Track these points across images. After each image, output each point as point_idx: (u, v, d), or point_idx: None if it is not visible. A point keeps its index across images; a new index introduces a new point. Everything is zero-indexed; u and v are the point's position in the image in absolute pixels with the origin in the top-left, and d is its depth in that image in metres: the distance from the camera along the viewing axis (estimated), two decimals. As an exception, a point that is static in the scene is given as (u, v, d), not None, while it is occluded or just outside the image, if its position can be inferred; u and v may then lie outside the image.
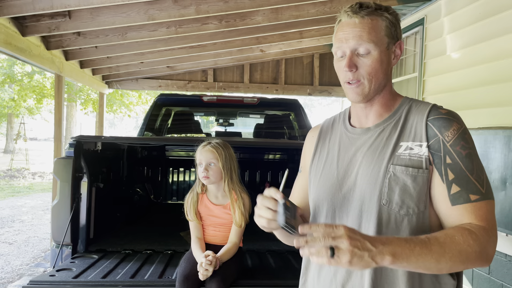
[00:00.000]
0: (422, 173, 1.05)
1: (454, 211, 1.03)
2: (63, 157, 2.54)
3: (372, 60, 1.09)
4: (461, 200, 1.02)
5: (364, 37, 1.08)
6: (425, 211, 1.06)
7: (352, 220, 1.11)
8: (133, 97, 15.73)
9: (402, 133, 1.11)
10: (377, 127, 1.15)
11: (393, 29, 1.13)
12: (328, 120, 1.33)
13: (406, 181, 1.05)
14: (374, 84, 1.11)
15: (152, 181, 4.28)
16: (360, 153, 1.15)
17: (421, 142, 1.08)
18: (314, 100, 35.92)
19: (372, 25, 1.09)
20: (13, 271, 4.74)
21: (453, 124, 1.07)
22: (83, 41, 4.83)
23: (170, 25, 4.72)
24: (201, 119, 7.68)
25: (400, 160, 1.07)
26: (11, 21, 3.90)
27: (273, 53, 7.14)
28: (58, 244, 2.48)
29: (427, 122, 1.09)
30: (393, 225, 1.05)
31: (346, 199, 1.13)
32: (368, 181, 1.09)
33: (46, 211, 8.23)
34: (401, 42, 1.15)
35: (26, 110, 16.82)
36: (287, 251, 2.73)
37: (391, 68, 1.16)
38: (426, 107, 1.12)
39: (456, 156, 1.04)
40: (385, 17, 1.11)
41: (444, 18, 4.17)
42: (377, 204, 1.06)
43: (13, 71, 14.47)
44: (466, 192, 1.02)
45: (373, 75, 1.10)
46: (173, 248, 2.68)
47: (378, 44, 1.09)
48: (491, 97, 3.37)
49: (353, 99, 1.15)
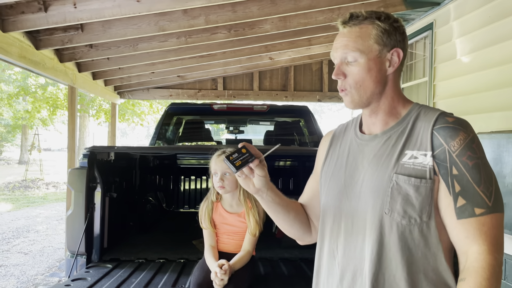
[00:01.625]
0: (425, 183, 1.04)
1: (459, 225, 1.01)
2: (77, 168, 2.58)
3: (359, 67, 1.11)
4: (466, 214, 1.00)
5: (349, 46, 1.11)
6: (429, 221, 1.04)
7: (357, 227, 1.11)
8: (145, 107, 15.88)
9: (408, 141, 1.10)
10: (384, 134, 1.15)
11: (386, 37, 1.12)
12: (342, 125, 1.34)
13: (409, 191, 1.04)
14: (363, 92, 1.12)
15: (164, 189, 4.31)
16: (367, 160, 1.15)
17: (426, 151, 1.06)
18: (324, 106, 35.83)
19: (359, 34, 1.11)
20: (29, 280, 4.80)
21: (460, 134, 1.04)
22: (95, 53, 4.91)
23: (180, 36, 4.78)
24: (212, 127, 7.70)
25: (404, 169, 1.06)
26: (25, 35, 3.99)
27: (282, 60, 7.17)
28: (73, 253, 2.51)
29: (432, 131, 1.07)
30: (395, 234, 1.05)
31: (352, 206, 1.14)
32: (372, 189, 1.09)
33: (60, 221, 8.33)
34: (398, 49, 1.13)
35: (40, 121, 17.08)
36: (300, 259, 2.72)
37: (390, 76, 1.14)
38: (433, 115, 1.10)
39: (463, 167, 1.02)
40: (376, 24, 1.11)
41: (453, 22, 4.15)
42: (380, 212, 1.07)
43: (27, 83, 14.75)
44: (471, 205, 1.00)
45: (361, 84, 1.12)
46: (185, 257, 2.69)
47: (365, 52, 1.10)
48: (503, 100, 3.34)
49: (347, 107, 1.18)
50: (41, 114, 15.67)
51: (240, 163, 1.11)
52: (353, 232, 1.13)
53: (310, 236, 1.33)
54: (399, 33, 1.14)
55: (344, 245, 1.14)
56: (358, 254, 1.10)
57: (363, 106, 1.15)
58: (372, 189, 1.10)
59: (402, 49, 1.14)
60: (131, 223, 3.33)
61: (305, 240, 1.35)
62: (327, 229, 1.21)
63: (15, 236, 7.01)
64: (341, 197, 1.17)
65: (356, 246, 1.11)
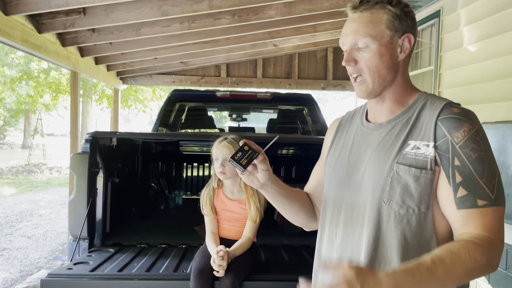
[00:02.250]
0: (426, 174, 1.02)
1: (459, 215, 1.00)
2: (80, 153, 2.58)
3: (371, 53, 1.08)
4: (467, 205, 0.98)
5: (360, 31, 1.08)
6: (427, 212, 1.03)
7: (357, 216, 1.12)
8: (147, 93, 15.84)
9: (412, 131, 1.08)
10: (389, 123, 1.13)
11: (397, 22, 1.09)
12: (349, 112, 1.33)
13: (408, 181, 1.03)
14: (377, 79, 1.10)
15: (166, 176, 4.31)
16: (370, 148, 1.14)
17: (428, 142, 1.04)
18: (328, 94, 35.66)
19: (370, 19, 1.08)
20: (32, 264, 4.85)
21: (464, 125, 1.02)
22: (98, 38, 4.87)
23: (183, 21, 4.74)
24: (215, 115, 7.69)
25: (406, 159, 1.05)
26: (28, 19, 3.96)
27: (286, 47, 7.10)
28: (75, 238, 2.52)
29: (436, 122, 1.05)
30: (392, 223, 1.04)
31: (353, 195, 1.14)
32: (373, 178, 1.09)
33: (63, 205, 8.39)
34: (409, 35, 1.10)
35: (43, 106, 17.09)
36: (301, 246, 2.73)
37: (400, 62, 1.12)
38: (439, 105, 1.07)
39: (465, 159, 1.00)
40: (388, 9, 1.09)
41: (461, 10, 4.08)
42: (379, 201, 1.06)
43: (29, 67, 14.71)
44: (473, 196, 0.98)
45: (374, 70, 1.09)
46: (187, 242, 2.70)
47: (377, 37, 1.08)
48: (509, 90, 3.30)
49: (359, 96, 1.15)
50: (43, 99, 15.67)
51: (246, 162, 1.12)
52: (352, 220, 1.13)
53: (316, 223, 1.33)
54: (410, 19, 1.12)
55: (342, 233, 1.15)
56: (356, 242, 1.11)
57: (376, 94, 1.13)
58: (372, 178, 1.09)
59: (413, 34, 1.12)
60: (133, 208, 3.34)
61: (311, 227, 1.36)
62: (327, 216, 1.22)
63: (18, 220, 7.07)
64: (342, 185, 1.17)
65: (355, 234, 1.11)
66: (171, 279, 2.10)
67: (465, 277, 0.95)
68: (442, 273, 0.91)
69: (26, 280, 4.28)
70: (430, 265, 0.91)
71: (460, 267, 0.92)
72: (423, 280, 0.90)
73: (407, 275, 0.90)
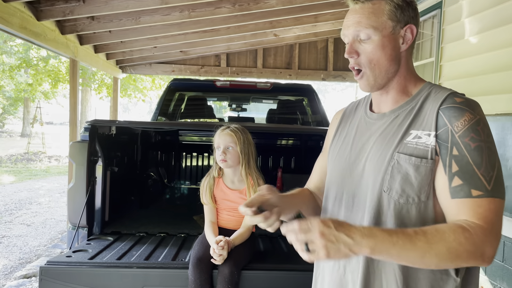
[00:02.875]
0: (426, 163, 1.02)
1: (452, 204, 0.99)
2: (79, 141, 2.58)
3: (373, 45, 1.07)
4: (461, 194, 0.97)
5: (362, 23, 1.07)
6: (427, 202, 1.02)
7: (358, 204, 1.12)
8: (147, 82, 15.78)
9: (415, 121, 1.07)
10: (392, 113, 1.13)
11: (399, 12, 1.08)
12: (354, 103, 1.33)
13: (408, 170, 1.03)
14: (379, 72, 1.09)
15: (165, 165, 4.32)
16: (373, 138, 1.14)
17: (430, 131, 1.04)
18: (328, 85, 35.56)
19: (372, 10, 1.07)
20: (31, 251, 4.87)
21: (465, 114, 1.01)
22: (97, 26, 4.84)
23: (183, 9, 4.70)
24: (214, 104, 7.67)
25: (407, 148, 1.05)
26: (26, 6, 3.92)
27: (287, 37, 7.06)
28: (74, 226, 2.53)
29: (438, 111, 1.04)
30: (392, 212, 1.04)
31: (354, 184, 1.14)
32: (374, 167, 1.09)
33: (62, 193, 8.41)
34: (412, 25, 1.09)
35: (42, 94, 17.03)
36: (299, 236, 2.74)
37: (403, 53, 1.12)
38: (443, 95, 1.07)
39: (464, 148, 0.99)
40: (389, 0, 1.08)
41: (463, 1, 4.05)
42: (379, 190, 1.06)
43: (28, 55, 14.62)
44: (468, 186, 0.97)
45: (375, 62, 1.08)
46: (186, 232, 2.71)
47: (379, 28, 1.07)
48: (510, 83, 3.29)
49: (363, 90, 1.15)
50: (43, 87, 15.61)
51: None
52: (353, 209, 1.13)
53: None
54: (412, 9, 1.11)
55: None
56: None
57: (380, 87, 1.12)
58: (374, 167, 1.09)
59: (415, 25, 1.11)
60: (132, 197, 3.35)
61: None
62: (329, 205, 1.22)
63: (17, 207, 7.09)
64: (344, 174, 1.17)
65: (355, 221, 1.11)
66: (170, 268, 2.11)
67: (448, 257, 0.92)
68: (421, 245, 0.91)
69: (26, 268, 4.30)
70: (410, 233, 0.93)
71: (442, 244, 0.91)
72: (399, 243, 0.91)
73: (384, 233, 0.93)
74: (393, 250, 0.91)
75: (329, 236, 0.89)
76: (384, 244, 0.91)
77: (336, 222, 0.92)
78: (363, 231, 0.92)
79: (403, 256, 0.92)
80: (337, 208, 1.18)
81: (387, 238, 0.91)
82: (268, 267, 2.18)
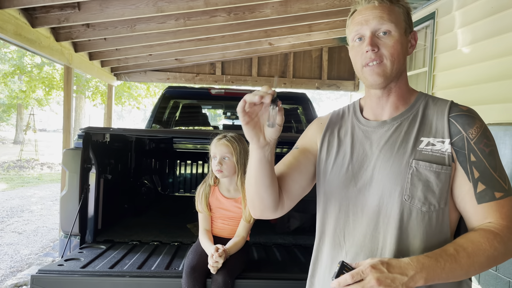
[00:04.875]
0: (446, 170, 1.04)
1: (479, 209, 1.03)
2: (72, 148, 2.56)
3: (394, 40, 1.08)
4: (487, 198, 1.02)
5: (385, 18, 1.08)
6: (445, 208, 1.05)
7: (367, 215, 1.09)
8: (142, 90, 15.76)
9: (422, 128, 1.09)
10: (393, 120, 1.13)
11: (408, 18, 1.13)
12: (337, 111, 1.29)
13: (429, 177, 1.04)
14: (396, 66, 1.09)
15: (159, 173, 4.30)
16: (377, 146, 1.12)
17: (443, 138, 1.06)
18: (322, 94, 35.73)
19: (391, 9, 1.10)
20: (22, 260, 4.81)
21: (476, 122, 1.07)
22: (92, 33, 4.84)
23: (179, 17, 4.71)
24: (209, 112, 7.67)
25: (423, 155, 1.06)
26: (21, 12, 3.92)
27: (281, 46, 7.10)
28: (67, 234, 2.50)
29: (449, 119, 1.08)
30: (414, 221, 1.04)
31: (361, 193, 1.11)
32: (388, 175, 1.07)
33: (55, 201, 8.33)
34: (416, 32, 1.16)
35: (36, 101, 16.94)
36: (293, 245, 2.74)
37: (406, 58, 1.16)
38: (445, 104, 1.12)
39: (480, 154, 1.04)
40: (400, 5, 1.12)
41: (456, 12, 4.11)
42: (399, 199, 1.05)
43: (22, 62, 14.57)
44: (491, 190, 1.02)
45: (395, 56, 1.09)
46: (179, 240, 2.69)
47: (398, 26, 1.10)
48: (502, 92, 3.33)
49: (373, 81, 1.10)
50: (36, 94, 15.54)
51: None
52: (364, 220, 1.10)
53: (275, 211, 1.16)
54: (411, 18, 1.17)
55: (353, 234, 1.11)
56: (369, 242, 1.08)
57: (389, 81, 1.10)
58: (388, 176, 1.07)
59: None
60: (125, 205, 3.33)
61: (264, 215, 1.18)
62: (330, 218, 1.17)
63: (9, 215, 7.01)
64: (348, 185, 1.13)
65: (367, 233, 1.08)
66: (163, 277, 2.09)
67: (487, 264, 0.97)
68: (465, 261, 0.95)
69: (17, 276, 4.24)
70: (453, 253, 0.95)
71: (481, 254, 0.96)
72: (447, 266, 0.94)
73: (432, 260, 0.94)
74: (443, 274, 0.94)
75: (385, 281, 0.90)
76: (435, 271, 0.93)
77: (386, 263, 0.93)
78: (413, 265, 0.93)
79: (451, 276, 0.95)
80: (343, 220, 1.14)
81: (436, 265, 0.94)
82: (262, 276, 2.17)
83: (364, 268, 0.91)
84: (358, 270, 0.91)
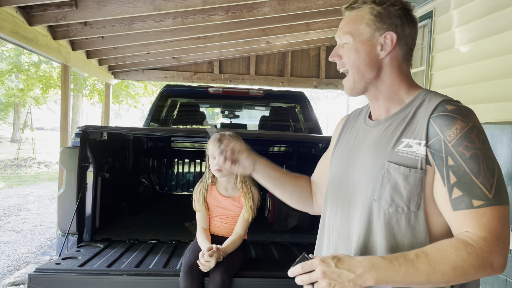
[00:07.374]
0: (415, 173, 1.00)
1: (455, 216, 0.97)
2: (69, 147, 2.56)
3: (348, 49, 1.13)
4: (463, 206, 0.95)
5: (342, 29, 1.14)
6: (417, 212, 1.01)
7: (351, 212, 1.13)
8: (139, 88, 15.74)
9: (407, 129, 1.06)
10: (386, 121, 1.13)
11: (378, 20, 1.09)
12: (357, 110, 1.34)
13: (398, 179, 1.02)
14: (357, 75, 1.12)
15: (157, 172, 4.30)
16: (367, 146, 1.14)
17: (420, 140, 1.02)
18: (320, 93, 35.75)
19: (353, 17, 1.13)
20: (20, 259, 4.80)
21: (457, 123, 0.98)
22: (90, 31, 4.83)
23: (177, 16, 4.71)
24: (207, 111, 7.67)
25: (397, 157, 1.04)
26: (18, 10, 3.90)
27: (279, 45, 7.10)
28: (64, 233, 2.50)
29: (429, 120, 1.02)
30: (382, 222, 1.04)
31: (349, 191, 1.14)
32: (366, 175, 1.09)
33: (52, 200, 8.31)
34: (391, 33, 1.09)
35: (33, 100, 16.89)
36: (291, 243, 2.74)
37: (385, 60, 1.10)
38: (435, 102, 1.04)
39: (459, 158, 0.96)
40: (371, 8, 1.11)
41: (453, 11, 4.12)
42: (370, 199, 1.06)
43: (20, 60, 14.52)
44: (468, 197, 0.95)
45: (352, 65, 1.12)
46: (177, 239, 2.69)
47: (354, 34, 1.11)
48: (499, 91, 3.34)
49: (346, 93, 1.20)
50: (34, 92, 15.49)
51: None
52: (348, 216, 1.13)
53: (311, 209, 1.42)
54: (396, 17, 1.10)
55: (339, 229, 1.16)
56: (346, 238, 1.12)
57: (359, 92, 1.15)
58: (366, 175, 1.09)
59: (398, 33, 1.09)
60: (123, 204, 3.32)
61: (309, 212, 1.44)
62: (327, 213, 1.23)
63: (6, 214, 6.99)
64: (341, 182, 1.18)
65: (350, 230, 1.12)
66: (161, 275, 2.09)
67: (455, 275, 0.92)
68: (424, 267, 0.91)
69: (14, 275, 4.23)
70: (411, 258, 0.93)
71: (445, 263, 0.91)
72: (402, 269, 0.92)
73: (385, 261, 0.93)
74: (397, 277, 0.92)
75: (331, 275, 0.93)
76: (387, 272, 0.92)
77: (336, 258, 0.95)
78: (363, 263, 0.93)
79: (408, 281, 0.93)
80: (334, 215, 1.19)
81: (389, 266, 0.92)
82: (260, 275, 2.17)
83: (315, 261, 0.96)
84: (309, 262, 0.97)
